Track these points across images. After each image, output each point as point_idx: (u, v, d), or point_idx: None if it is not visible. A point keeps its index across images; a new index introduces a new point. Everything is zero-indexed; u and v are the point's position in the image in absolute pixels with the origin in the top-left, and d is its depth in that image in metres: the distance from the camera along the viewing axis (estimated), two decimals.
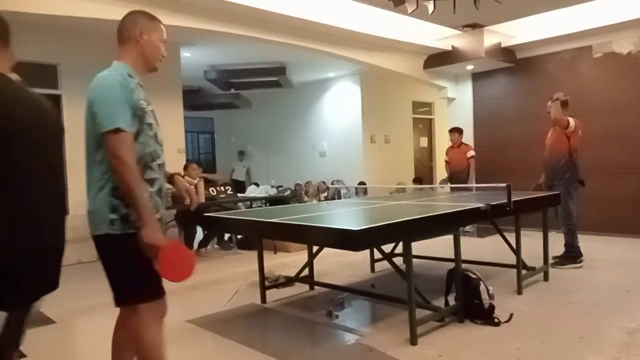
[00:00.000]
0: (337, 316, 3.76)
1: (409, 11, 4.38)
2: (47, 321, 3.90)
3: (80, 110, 7.64)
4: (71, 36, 6.22)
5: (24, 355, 3.14)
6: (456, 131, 7.78)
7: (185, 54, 7.61)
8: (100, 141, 1.97)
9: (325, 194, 8.36)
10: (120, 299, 2.07)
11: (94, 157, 2.02)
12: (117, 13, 4.80)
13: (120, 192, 1.95)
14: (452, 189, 6.56)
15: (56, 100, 6.34)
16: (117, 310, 2.20)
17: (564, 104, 5.18)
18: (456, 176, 7.58)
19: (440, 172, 9.46)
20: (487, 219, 3.84)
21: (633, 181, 6.76)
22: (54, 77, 6.33)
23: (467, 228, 7.02)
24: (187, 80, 9.14)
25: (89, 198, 2.04)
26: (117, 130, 1.92)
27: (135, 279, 2.03)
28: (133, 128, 1.98)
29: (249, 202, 7.55)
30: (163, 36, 2.23)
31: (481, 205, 3.62)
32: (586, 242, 5.26)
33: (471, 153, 7.65)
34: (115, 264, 2.03)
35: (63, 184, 1.75)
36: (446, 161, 7.97)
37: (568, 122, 5.01)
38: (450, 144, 7.88)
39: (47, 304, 4.40)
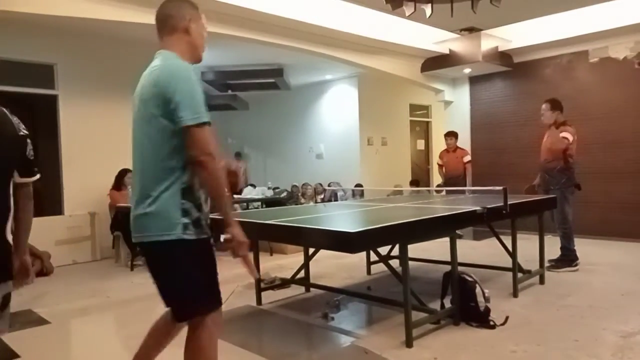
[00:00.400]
0: (332, 318, 3.75)
1: (407, 14, 4.39)
2: (42, 321, 3.89)
3: (76, 110, 7.60)
4: (68, 36, 6.21)
5: (17, 356, 3.13)
6: (452, 135, 7.65)
7: None
8: (170, 135, 1.79)
9: (322, 196, 8.35)
10: (189, 312, 1.88)
11: (158, 150, 1.81)
12: (114, 14, 4.84)
13: (192, 193, 1.81)
14: (448, 192, 6.52)
15: (52, 100, 6.34)
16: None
17: (559, 108, 5.19)
18: (452, 181, 7.45)
19: (437, 175, 9.47)
20: (483, 222, 3.85)
21: (629, 185, 6.79)
22: (50, 77, 6.32)
23: (458, 231, 6.90)
24: None
25: (142, 196, 1.84)
26: (204, 124, 1.77)
27: (209, 285, 1.88)
28: None
29: (245, 204, 7.54)
30: (206, 25, 2.11)
31: (478, 208, 3.63)
32: (582, 246, 5.27)
33: (468, 158, 7.52)
34: (189, 271, 1.83)
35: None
36: (440, 165, 7.82)
37: (568, 143, 5.00)
38: (445, 147, 7.77)
39: (42, 305, 4.38)
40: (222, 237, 1.83)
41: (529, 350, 3.01)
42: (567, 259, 5.10)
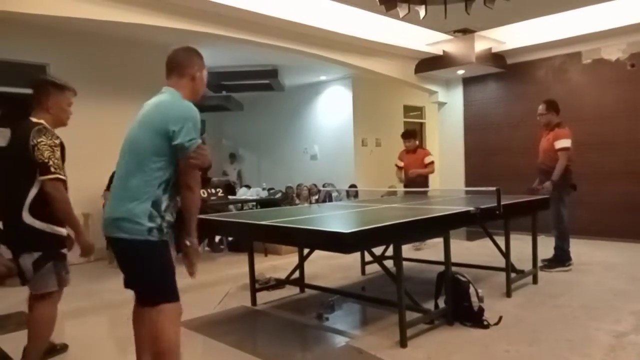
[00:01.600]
0: (327, 319, 3.76)
1: (401, 16, 4.40)
2: None
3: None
4: (61, 36, 6.18)
5: (10, 358, 3.11)
6: (410, 136, 6.92)
7: None
8: (159, 163, 2.17)
9: (317, 197, 8.36)
10: (150, 298, 2.27)
11: (142, 167, 2.18)
12: (107, 14, 4.83)
13: (159, 205, 2.21)
14: (410, 194, 6.11)
15: None
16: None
17: (555, 109, 5.21)
18: (413, 185, 6.62)
19: (431, 176, 9.48)
20: (477, 223, 3.86)
21: (621, 186, 6.83)
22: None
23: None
24: None
25: (120, 203, 2.21)
26: None
27: (166, 279, 2.27)
28: None
29: (240, 205, 7.53)
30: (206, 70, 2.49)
31: (471, 208, 3.64)
32: (574, 246, 5.31)
33: (429, 159, 6.76)
34: (150, 267, 2.25)
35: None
36: (399, 167, 6.96)
37: (568, 148, 5.03)
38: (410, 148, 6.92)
39: None
40: (187, 242, 2.32)
41: (522, 350, 3.03)
42: (560, 259, 5.13)
